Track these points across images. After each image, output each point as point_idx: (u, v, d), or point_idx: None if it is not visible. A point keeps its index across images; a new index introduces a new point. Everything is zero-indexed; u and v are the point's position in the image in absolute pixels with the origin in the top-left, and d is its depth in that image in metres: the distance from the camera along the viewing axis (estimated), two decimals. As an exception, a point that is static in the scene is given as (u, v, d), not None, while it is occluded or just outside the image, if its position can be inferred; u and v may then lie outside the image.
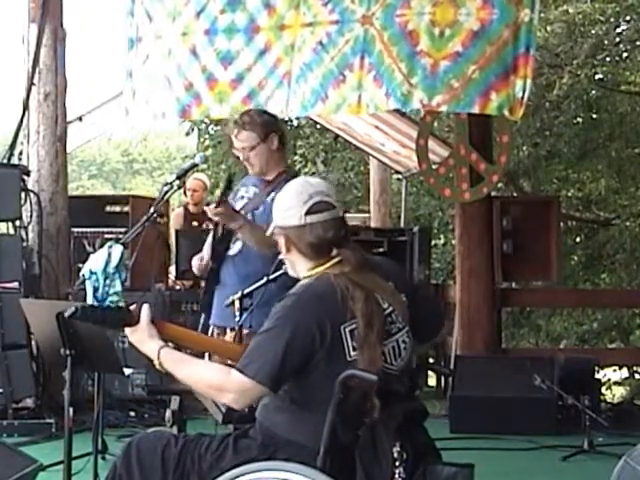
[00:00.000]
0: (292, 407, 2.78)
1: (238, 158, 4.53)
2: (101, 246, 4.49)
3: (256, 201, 4.45)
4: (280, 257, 3.06)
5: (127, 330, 2.91)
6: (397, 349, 2.83)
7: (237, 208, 4.44)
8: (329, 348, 2.72)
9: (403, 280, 2.98)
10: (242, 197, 4.52)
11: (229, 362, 2.92)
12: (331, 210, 2.87)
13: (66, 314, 2.90)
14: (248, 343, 2.95)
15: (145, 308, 2.90)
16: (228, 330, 4.35)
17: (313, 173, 14.54)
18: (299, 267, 2.91)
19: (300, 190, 2.88)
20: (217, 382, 2.77)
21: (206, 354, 3.30)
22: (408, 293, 2.93)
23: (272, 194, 4.29)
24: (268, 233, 3.02)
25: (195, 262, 4.59)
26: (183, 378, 2.86)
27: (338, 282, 2.76)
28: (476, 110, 5.39)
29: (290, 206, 2.86)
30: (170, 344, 2.89)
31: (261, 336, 2.78)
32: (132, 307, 2.92)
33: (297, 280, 2.94)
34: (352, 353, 2.72)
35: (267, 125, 4.40)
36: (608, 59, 11.94)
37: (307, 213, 2.83)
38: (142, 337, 2.88)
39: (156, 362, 2.85)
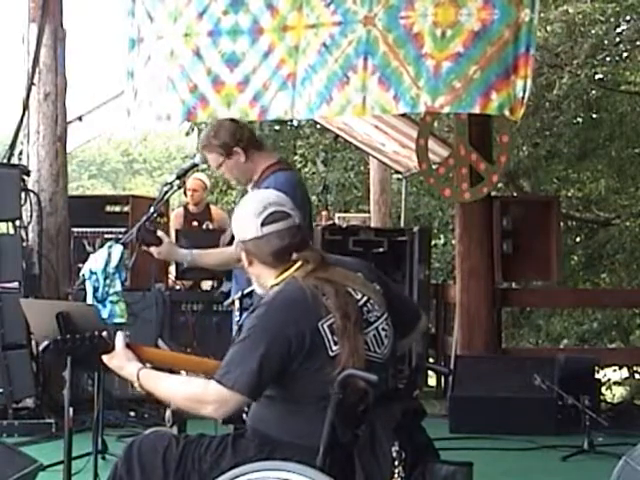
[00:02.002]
0: (282, 408, 2.80)
1: None
2: (101, 246, 4.49)
3: None
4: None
5: (104, 357, 2.96)
6: (378, 337, 2.84)
7: None
8: (310, 348, 2.73)
9: (371, 270, 3.00)
10: None
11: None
12: (286, 219, 2.92)
13: (40, 348, 2.91)
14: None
15: (119, 334, 2.95)
16: None
17: (313, 173, 14.55)
18: (264, 277, 2.95)
19: (254, 204, 2.96)
20: (195, 394, 2.80)
21: None
22: (380, 283, 2.95)
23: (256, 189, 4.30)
24: (234, 249, 3.03)
25: None
26: (163, 395, 2.91)
27: (306, 282, 2.79)
28: (477, 110, 5.39)
29: (246, 220, 2.93)
30: (148, 365, 2.94)
31: (237, 345, 2.79)
32: (104, 333, 2.95)
33: None
34: (334, 347, 2.74)
35: (224, 144, 4.32)
36: (608, 59, 11.95)
37: (262, 224, 2.89)
38: (120, 362, 2.94)
39: (136, 384, 2.91)
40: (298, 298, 2.77)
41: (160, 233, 4.21)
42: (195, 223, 8.35)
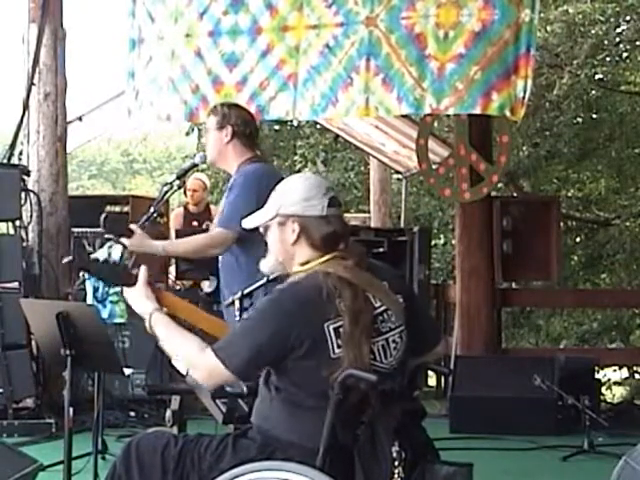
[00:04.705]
0: (285, 407, 2.79)
1: None
2: (101, 246, 4.49)
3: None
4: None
5: (125, 288, 3.03)
6: (387, 348, 2.81)
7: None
8: (310, 347, 2.71)
9: (399, 282, 2.98)
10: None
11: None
12: (341, 207, 2.94)
13: (64, 260, 2.98)
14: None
15: (142, 269, 3.01)
16: None
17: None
18: (297, 259, 2.90)
19: (317, 183, 2.91)
20: (192, 356, 2.84)
21: None
22: (405, 296, 2.92)
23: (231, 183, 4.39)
24: (264, 221, 2.94)
25: None
26: (165, 343, 2.93)
27: (326, 281, 2.76)
28: (478, 111, 5.40)
29: (311, 197, 2.86)
30: (165, 309, 3.00)
31: (242, 324, 2.87)
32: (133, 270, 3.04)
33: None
34: (336, 350, 2.72)
35: (224, 115, 4.41)
36: (608, 59, 11.94)
37: (329, 205, 2.86)
38: (138, 296, 3.00)
39: (146, 323, 2.95)
40: (311, 295, 2.75)
41: (132, 225, 4.21)
42: (195, 223, 8.34)
